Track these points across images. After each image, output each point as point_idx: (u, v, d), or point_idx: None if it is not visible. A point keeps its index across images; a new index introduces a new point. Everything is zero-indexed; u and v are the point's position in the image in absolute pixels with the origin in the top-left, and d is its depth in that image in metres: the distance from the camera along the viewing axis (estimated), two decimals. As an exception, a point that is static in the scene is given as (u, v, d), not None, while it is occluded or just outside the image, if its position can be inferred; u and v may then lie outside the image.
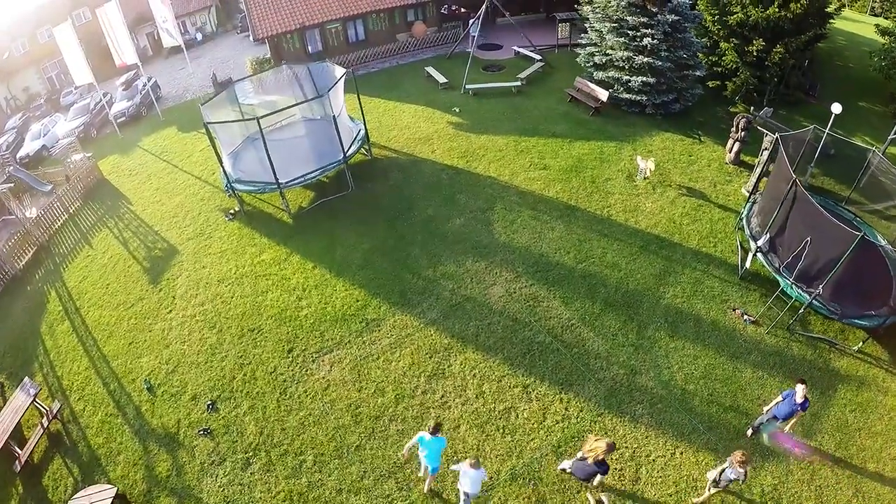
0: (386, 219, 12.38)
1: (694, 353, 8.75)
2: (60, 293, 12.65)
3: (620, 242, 11.05)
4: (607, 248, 10.90)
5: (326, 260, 11.38)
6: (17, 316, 12.21)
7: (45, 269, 13.72)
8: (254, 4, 20.28)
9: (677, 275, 10.22)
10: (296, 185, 12.23)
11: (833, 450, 7.63)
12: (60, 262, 13.75)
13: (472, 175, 13.59)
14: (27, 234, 14.60)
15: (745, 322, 9.17)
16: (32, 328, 11.71)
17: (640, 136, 14.73)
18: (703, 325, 9.21)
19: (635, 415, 8.00)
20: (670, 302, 9.63)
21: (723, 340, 8.96)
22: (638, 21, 14.80)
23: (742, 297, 9.71)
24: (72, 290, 12.52)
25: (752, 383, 8.30)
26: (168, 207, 14.47)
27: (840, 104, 10.51)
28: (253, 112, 15.01)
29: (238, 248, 12.08)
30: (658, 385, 8.37)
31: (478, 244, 11.40)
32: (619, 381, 8.46)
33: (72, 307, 12.02)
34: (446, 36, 22.20)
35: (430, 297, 10.30)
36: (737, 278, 10.09)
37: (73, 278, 12.88)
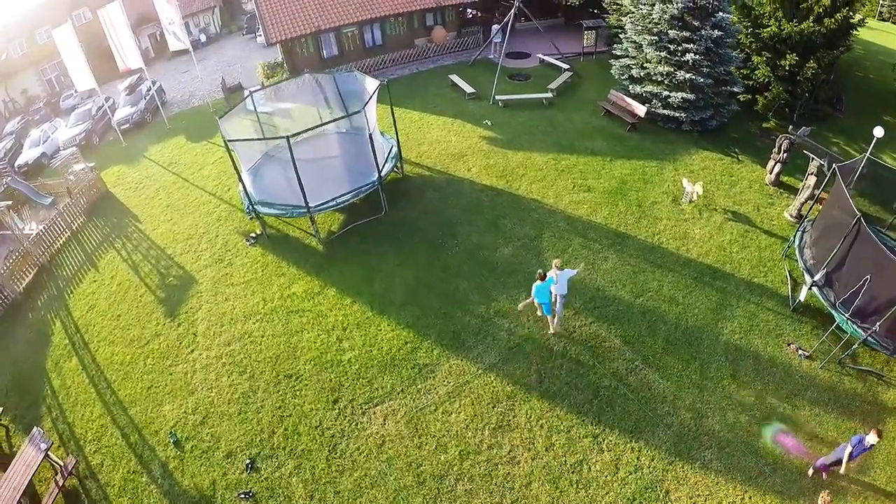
0: (427, 246, 11.45)
1: (755, 393, 8.45)
2: (66, 323, 11.59)
3: (674, 273, 10.50)
4: (662, 281, 10.33)
5: (366, 294, 10.43)
6: (18, 347, 11.16)
7: (47, 294, 12.66)
8: (266, 8, 19.20)
9: (733, 308, 9.80)
10: (327, 209, 11.26)
11: (884, 484, 7.39)
12: (64, 286, 12.67)
13: (513, 197, 12.72)
14: (27, 253, 13.54)
15: (800, 357, 8.90)
16: (37, 363, 10.67)
17: (680, 154, 14.13)
18: (761, 362, 8.89)
19: (705, 460, 7.67)
20: (729, 338, 9.25)
21: (781, 378, 8.67)
22: (680, 35, 14.13)
23: (795, 331, 9.39)
24: (78, 321, 11.46)
25: (811, 421, 8.09)
26: (181, 228, 13.40)
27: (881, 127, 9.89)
28: (270, 122, 14.05)
29: (264, 279, 11.09)
30: (724, 428, 8.03)
31: (530, 277, 10.36)
32: (686, 425, 8.07)
33: (79, 341, 10.96)
34: (466, 42, 21.31)
35: (486, 339, 9.44)
36: (789, 310, 9.72)
37: (78, 307, 11.82)
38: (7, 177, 17.83)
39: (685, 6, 13.92)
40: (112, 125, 19.28)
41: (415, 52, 20.57)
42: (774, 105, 15.38)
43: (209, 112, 20.03)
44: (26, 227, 16.44)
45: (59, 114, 23.31)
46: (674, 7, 13.93)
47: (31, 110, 23.62)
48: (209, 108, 20.06)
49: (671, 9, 14.01)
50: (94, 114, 19.52)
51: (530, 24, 22.16)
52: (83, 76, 18.00)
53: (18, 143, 20.08)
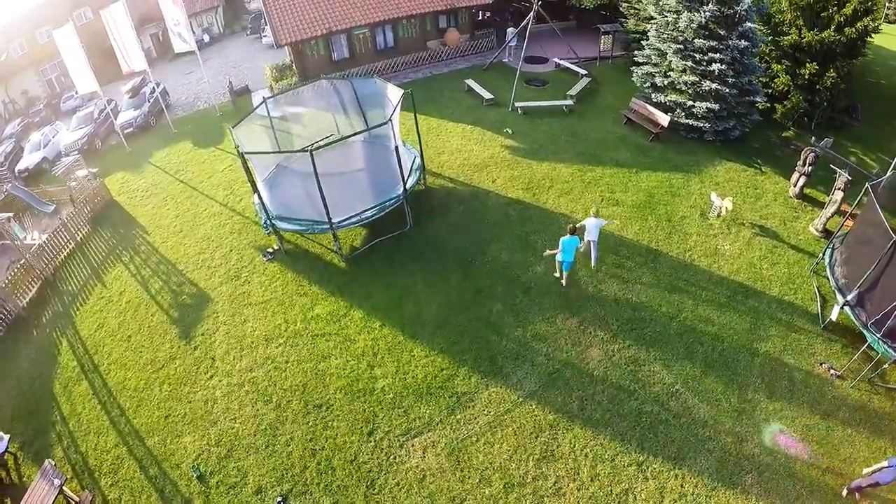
0: (457, 264, 10.97)
1: (791, 415, 8.32)
2: (73, 343, 11.03)
3: (708, 292, 10.24)
4: (697, 300, 10.05)
5: (395, 316, 9.94)
6: (23, 367, 10.63)
7: (52, 310, 12.10)
8: (275, 9, 18.57)
9: (766, 328, 9.60)
10: (351, 225, 10.74)
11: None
12: (70, 302, 12.11)
13: (541, 211, 12.26)
14: (29, 266, 12.94)
15: (831, 377, 8.84)
16: (44, 386, 10.14)
17: (704, 165, 13.83)
18: (795, 383, 8.76)
19: (745, 486, 7.58)
20: (764, 359, 9.09)
21: (815, 398, 8.56)
22: (706, 45, 13.78)
23: (826, 349, 9.26)
24: (86, 342, 10.91)
25: (844, 441, 8.02)
26: (192, 241, 12.84)
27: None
28: (285, 129, 13.47)
29: (284, 298, 10.57)
30: (763, 452, 7.93)
31: (565, 297, 10.14)
32: (727, 450, 7.94)
33: (88, 363, 10.42)
34: (480, 45, 20.80)
35: (525, 364, 9.02)
36: (819, 328, 9.55)
37: (86, 325, 11.27)
38: (7, 183, 17.19)
39: (712, 15, 13.58)
40: (115, 129, 18.65)
41: (427, 55, 20.02)
42: (795, 115, 15.13)
43: (216, 116, 19.44)
44: (28, 236, 15.85)
45: (60, 116, 22.62)
46: (701, 16, 13.58)
47: (31, 112, 22.94)
48: (216, 111, 19.44)
49: (699, 17, 13.65)
50: (96, 117, 18.85)
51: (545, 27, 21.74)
52: (85, 79, 17.35)
53: (18, 146, 19.39)
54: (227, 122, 19.00)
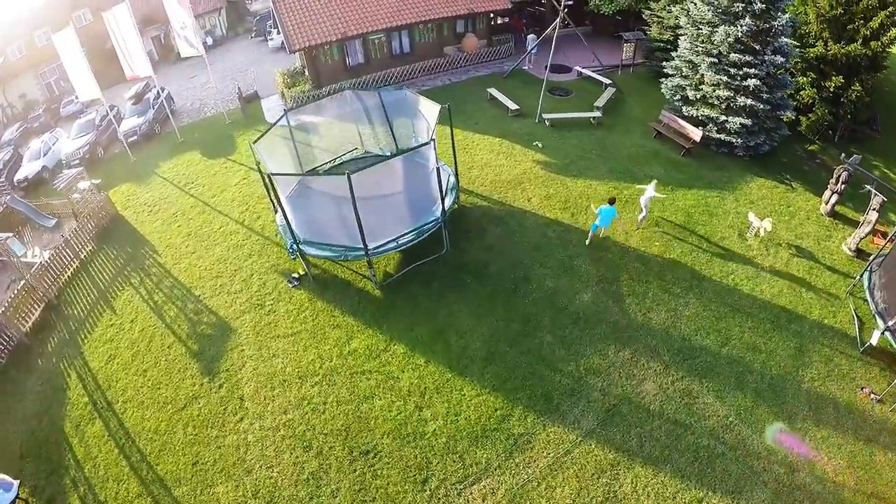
0: (500, 292, 10.33)
1: (837, 442, 8.24)
2: (83, 376, 10.21)
3: (753, 318, 9.96)
4: (743, 326, 9.77)
5: (440, 351, 9.26)
6: (29, 402, 9.81)
7: (57, 338, 11.26)
8: (287, 13, 17.75)
9: (809, 353, 9.40)
10: (387, 251, 10.04)
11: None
12: (77, 329, 11.27)
13: (581, 233, 11.63)
14: (31, 288, 12.07)
15: (872, 401, 8.74)
16: (53, 424, 9.34)
17: (737, 182, 13.51)
18: (840, 409, 8.66)
19: None
20: (810, 386, 8.94)
21: (858, 424, 8.47)
22: (742, 59, 13.36)
23: (866, 374, 9.12)
24: (97, 374, 10.10)
25: (885, 467, 7.95)
26: (207, 263, 12.01)
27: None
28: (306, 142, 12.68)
29: (316, 330, 9.82)
30: (814, 481, 7.83)
31: (615, 327, 9.62)
32: (780, 481, 7.82)
33: (101, 400, 9.61)
34: (498, 51, 20.18)
35: (581, 401, 8.50)
36: (858, 352, 9.38)
37: (96, 356, 10.45)
38: (6, 195, 16.18)
39: (749, 30, 13.15)
40: (118, 137, 17.72)
41: (444, 62, 19.35)
42: (820, 128, 14.88)
43: (225, 124, 18.59)
44: (28, 251, 14.90)
45: (60, 121, 21.64)
46: (738, 30, 13.13)
47: (29, 117, 21.95)
48: (225, 119, 18.59)
49: (735, 32, 13.21)
50: (98, 123, 17.90)
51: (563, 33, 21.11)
52: (86, 85, 16.38)
53: (17, 153, 18.37)
54: (237, 131, 18.32)
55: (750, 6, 13.03)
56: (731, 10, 13.69)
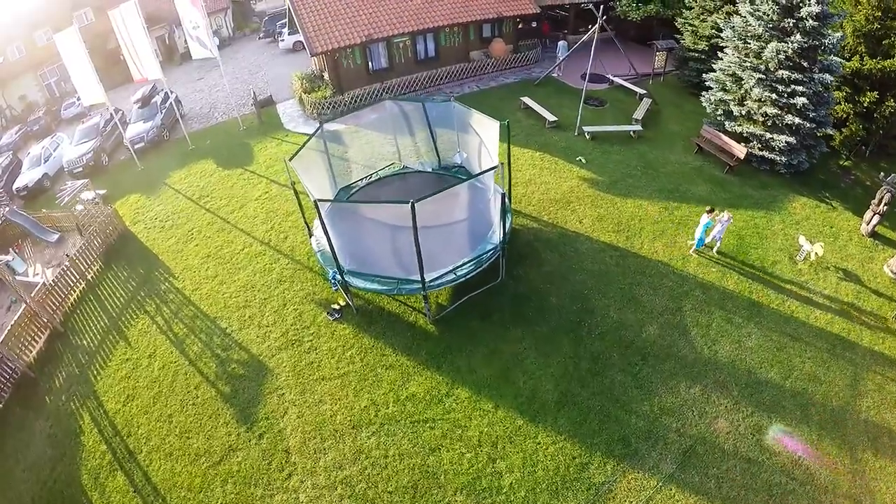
0: (564, 325, 9.52)
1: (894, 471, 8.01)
2: (97, 418, 9.12)
3: (812, 347, 9.58)
4: (803, 356, 9.40)
5: (508, 394, 8.37)
6: (38, 446, 8.79)
7: (65, 372, 10.16)
8: (307, 14, 16.67)
9: (864, 381, 9.12)
10: (445, 285, 9.04)
11: None
12: (87, 363, 10.17)
13: (639, 259, 10.91)
14: (33, 314, 10.92)
15: None
16: (68, 474, 8.33)
17: (780, 202, 12.97)
18: (893, 437, 8.43)
19: None
20: (867, 415, 8.71)
21: None
22: (791, 77, 12.74)
23: None
24: (114, 418, 9.02)
25: None
26: (232, 289, 10.93)
27: None
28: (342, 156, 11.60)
29: (366, 372, 8.81)
30: None
31: (683, 362, 8.99)
32: None
33: (121, 449, 8.54)
34: (526, 57, 19.32)
35: (658, 444, 7.93)
36: None
37: (111, 396, 9.37)
38: (4, 206, 14.89)
39: (800, 47, 12.52)
40: (124, 143, 16.49)
41: (471, 67, 18.43)
42: (853, 144, 14.43)
43: (239, 130, 17.43)
44: (29, 268, 13.67)
45: (61, 124, 20.39)
46: (789, 47, 12.49)
47: (29, 120, 20.68)
48: (239, 125, 17.40)
49: (786, 49, 12.56)
50: (102, 128, 16.66)
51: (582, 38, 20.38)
52: (91, 89, 15.18)
53: (16, 158, 17.10)
54: (253, 139, 17.11)
55: (801, 22, 12.43)
56: (780, 26, 13.12)
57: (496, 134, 9.38)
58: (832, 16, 12.57)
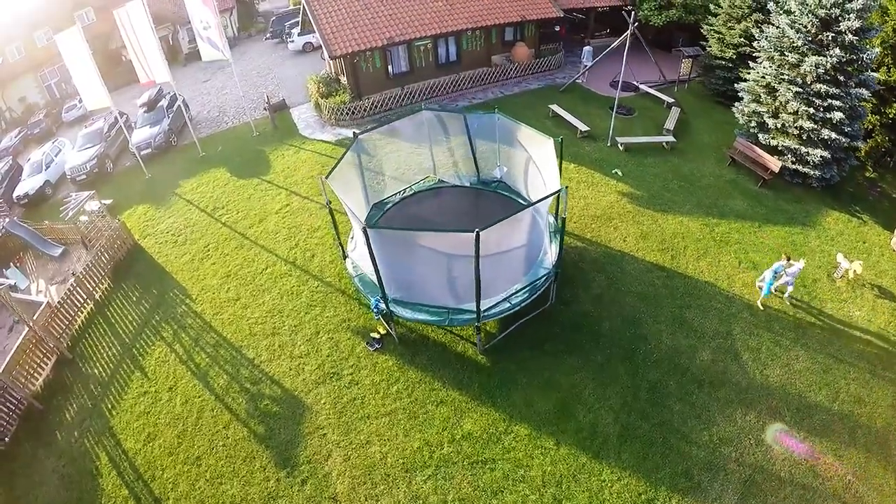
0: (619, 353, 9.01)
1: None
2: (116, 460, 8.31)
3: (855, 368, 9.35)
4: (847, 378, 9.17)
5: (569, 429, 7.83)
6: (53, 488, 8.04)
7: (76, 404, 9.33)
8: (324, 15, 15.86)
9: None
10: (500, 315, 8.35)
11: None
12: (100, 395, 9.33)
13: (686, 280, 10.48)
14: (38, 339, 10.06)
15: None
16: None
17: (814, 216, 12.68)
18: None
19: None
20: None
21: None
22: (829, 91, 12.36)
23: None
24: (135, 459, 8.21)
25: None
26: (257, 314, 10.12)
27: None
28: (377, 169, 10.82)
29: (416, 409, 8.10)
30: None
31: (737, 388, 8.70)
32: None
33: (145, 495, 7.75)
34: (549, 62, 18.70)
35: (719, 474, 7.60)
36: None
37: (130, 434, 8.55)
38: (4, 217, 13.89)
39: (838, 61, 12.13)
40: (130, 149, 15.56)
41: (493, 72, 17.76)
42: (879, 155, 14.24)
43: (252, 136, 16.56)
44: (31, 283, 12.73)
45: (62, 127, 19.42)
46: (828, 61, 12.10)
47: (30, 122, 19.69)
48: (252, 130, 16.55)
49: (824, 62, 12.16)
50: (106, 133, 15.71)
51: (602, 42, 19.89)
52: (94, 93, 14.21)
53: (16, 164, 16.15)
54: (268, 146, 16.24)
55: (839, 37, 12.03)
56: (818, 38, 12.73)
57: (552, 152, 8.72)
58: (870, 30, 12.21)
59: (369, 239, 7.04)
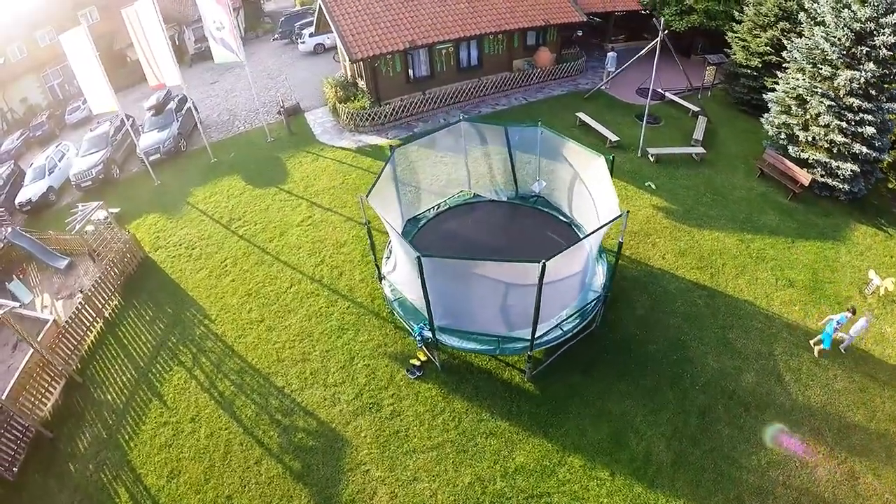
0: (667, 377, 8.67)
1: None
2: (137, 496, 7.70)
3: (889, 386, 9.15)
4: (882, 396, 8.96)
5: (623, 458, 7.45)
6: None
7: (89, 433, 8.69)
8: (343, 16, 15.20)
9: None
10: (552, 342, 7.87)
11: None
12: (116, 425, 8.68)
13: (727, 299, 10.17)
14: (45, 362, 9.38)
15: None
16: None
17: (843, 230, 12.42)
18: None
19: None
20: None
21: None
22: (862, 106, 12.07)
23: None
24: (159, 497, 7.59)
25: None
26: (284, 338, 9.50)
27: None
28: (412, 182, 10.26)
29: (464, 442, 7.57)
30: None
31: (781, 410, 8.46)
32: None
33: (171, 542, 7.22)
34: (570, 67, 18.22)
35: (769, 499, 7.38)
36: None
37: (151, 469, 7.92)
38: (6, 226, 13.10)
39: (872, 75, 11.86)
40: (138, 154, 14.81)
41: (516, 77, 17.24)
42: None
43: (267, 142, 15.86)
44: (35, 297, 11.98)
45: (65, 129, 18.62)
46: (862, 76, 11.81)
47: (32, 124, 18.89)
48: (266, 135, 15.84)
49: (859, 77, 11.87)
50: (112, 137, 14.95)
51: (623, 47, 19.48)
52: (100, 96, 13.49)
53: (18, 168, 15.39)
54: (285, 152, 15.48)
55: (874, 51, 11.73)
56: (851, 52, 12.44)
57: (605, 171, 8.24)
58: None
59: (423, 268, 6.51)
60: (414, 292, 8.13)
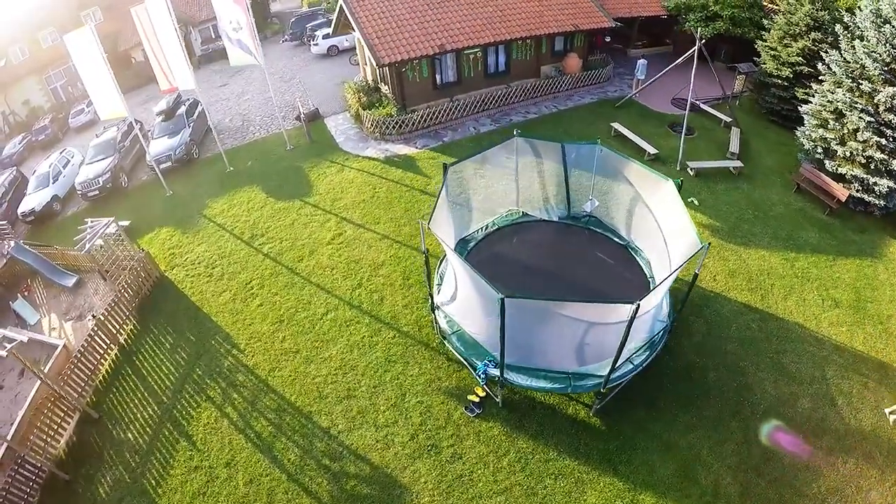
0: (730, 408, 8.23)
1: None
2: (169, 557, 6.98)
3: None
4: None
5: (693, 494, 7.00)
6: None
7: (110, 476, 7.85)
8: (367, 19, 14.41)
9: None
10: (625, 378, 7.33)
11: None
12: (139, 466, 7.86)
13: (779, 322, 9.73)
14: (57, 397, 8.51)
15: None
16: None
17: (879, 247, 12.05)
18: None
19: None
20: None
21: None
22: None
23: None
24: (195, 558, 6.92)
25: None
26: (324, 372, 8.69)
27: None
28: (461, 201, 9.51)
29: (533, 484, 6.92)
30: None
31: (836, 435, 8.08)
32: None
33: None
34: (599, 74, 17.65)
35: None
36: None
37: None
38: (9, 239, 12.11)
39: None
40: (147, 162, 13.90)
41: (544, 84, 16.59)
42: None
43: (286, 150, 14.96)
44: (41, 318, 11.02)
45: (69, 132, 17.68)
46: None
47: (34, 128, 17.90)
48: (285, 143, 14.95)
49: None
50: (119, 143, 14.01)
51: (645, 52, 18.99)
52: (108, 100, 12.56)
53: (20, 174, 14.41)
54: (306, 161, 14.57)
55: None
56: (892, 68, 12.12)
57: (676, 197, 7.66)
58: None
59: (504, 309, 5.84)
60: (476, 326, 7.46)
